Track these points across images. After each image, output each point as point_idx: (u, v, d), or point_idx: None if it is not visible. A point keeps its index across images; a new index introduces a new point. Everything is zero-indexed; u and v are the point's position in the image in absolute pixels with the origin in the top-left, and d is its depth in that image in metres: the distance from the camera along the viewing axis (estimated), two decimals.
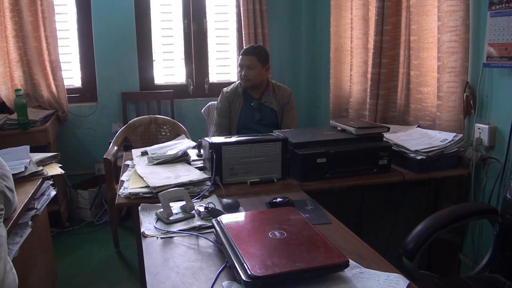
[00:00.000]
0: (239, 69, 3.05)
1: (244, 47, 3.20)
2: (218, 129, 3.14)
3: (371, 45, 3.17)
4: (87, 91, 4.12)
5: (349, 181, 2.26)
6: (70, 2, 3.97)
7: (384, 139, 2.46)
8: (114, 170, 3.22)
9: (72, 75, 4.09)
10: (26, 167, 2.27)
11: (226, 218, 1.52)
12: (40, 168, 2.35)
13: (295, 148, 2.21)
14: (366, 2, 3.28)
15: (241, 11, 4.05)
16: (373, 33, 3.06)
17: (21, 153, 2.43)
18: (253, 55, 2.97)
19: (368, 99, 3.21)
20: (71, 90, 4.03)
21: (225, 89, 3.15)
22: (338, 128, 2.52)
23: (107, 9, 3.90)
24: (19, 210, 1.89)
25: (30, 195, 2.08)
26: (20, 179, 2.17)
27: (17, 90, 3.42)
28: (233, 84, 3.16)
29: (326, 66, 3.95)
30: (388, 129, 2.49)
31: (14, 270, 1.60)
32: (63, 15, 3.94)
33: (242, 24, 4.05)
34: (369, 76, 3.19)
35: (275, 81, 3.21)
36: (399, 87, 3.10)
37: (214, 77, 4.35)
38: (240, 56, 3.03)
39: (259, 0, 4.05)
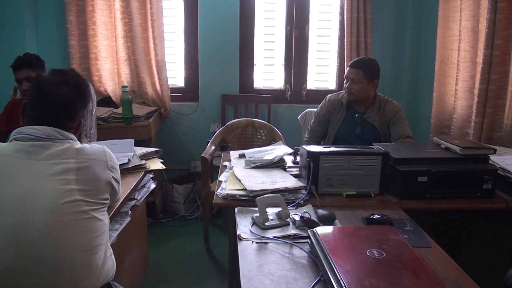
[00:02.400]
0: (345, 80, 2.96)
1: (353, 58, 3.08)
2: (311, 134, 3.09)
3: (479, 59, 2.99)
4: (189, 91, 4.28)
5: (450, 203, 2.13)
6: (178, 6, 4.15)
7: (490, 161, 2.29)
8: (210, 169, 3.32)
9: (176, 75, 4.27)
10: (129, 160, 2.39)
11: (322, 230, 1.50)
12: (143, 161, 2.47)
13: (396, 164, 2.13)
14: (476, 14, 3.09)
15: (345, 19, 3.99)
16: (483, 47, 2.89)
17: (125, 146, 2.56)
18: (360, 69, 2.84)
19: (473, 117, 3.03)
20: (174, 89, 4.21)
21: (329, 96, 3.08)
22: (441, 146, 2.39)
23: (213, 13, 4.03)
24: (122, 199, 2.00)
25: (132, 187, 2.20)
26: (123, 171, 2.28)
27: (124, 86, 3.66)
28: (338, 93, 3.08)
29: (430, 79, 3.78)
30: (495, 151, 2.32)
31: (113, 256, 1.68)
32: (170, 18, 4.13)
33: (345, 32, 4.00)
34: (476, 92, 3.01)
35: (384, 96, 3.04)
36: (506, 105, 2.90)
37: (312, 84, 4.34)
38: (348, 68, 2.93)
39: (363, 9, 3.97)
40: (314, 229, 1.50)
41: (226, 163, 2.57)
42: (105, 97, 4.02)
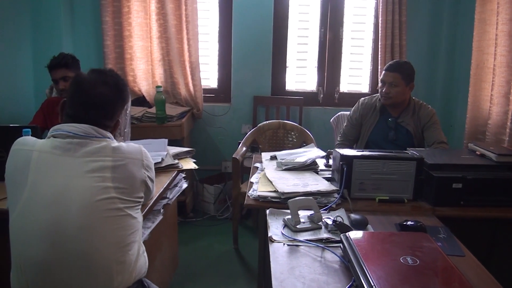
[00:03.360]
0: (380, 84, 2.90)
1: (388, 61, 3.04)
2: (343, 137, 3.06)
3: None
4: (222, 92, 4.31)
5: (484, 211, 2.08)
6: (213, 8, 4.18)
7: None
8: (241, 170, 3.34)
9: (209, 76, 4.31)
10: (162, 159, 2.43)
11: (355, 235, 1.49)
12: (176, 161, 2.51)
13: (431, 170, 2.09)
14: None
15: (379, 22, 3.95)
16: None
17: (159, 145, 2.61)
18: (398, 72, 2.80)
19: (508, 123, 2.95)
20: (207, 90, 4.25)
21: (362, 100, 3.05)
22: (476, 152, 2.35)
23: (247, 15, 4.05)
24: (155, 198, 2.04)
25: (165, 186, 2.24)
26: (157, 170, 2.31)
27: (158, 86, 3.71)
28: (371, 97, 3.04)
29: (465, 83, 3.70)
30: None
31: (145, 254, 1.71)
32: (205, 20, 4.17)
33: (380, 34, 3.95)
34: None
35: (419, 100, 2.99)
36: None
37: (345, 87, 4.31)
38: (384, 72, 2.88)
39: (399, 11, 3.92)
40: (347, 234, 1.49)
41: (257, 165, 2.58)
42: (139, 96, 4.09)
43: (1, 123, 3.12)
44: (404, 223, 1.76)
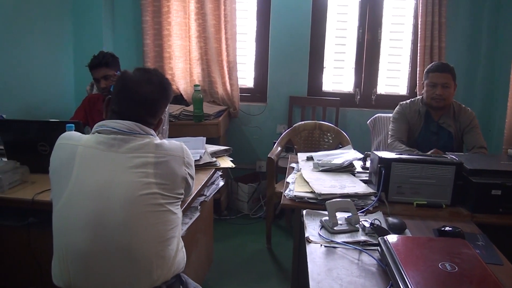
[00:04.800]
0: (426, 87, 2.82)
1: (426, 63, 2.97)
2: (395, 134, 2.90)
3: None
4: (258, 91, 4.34)
5: None
6: (251, 8, 4.22)
7: None
8: (275, 170, 3.35)
9: (245, 76, 4.35)
10: (201, 157, 2.47)
11: (393, 239, 1.49)
12: (214, 159, 2.54)
13: (470, 175, 2.06)
14: None
15: (419, 23, 3.90)
16: None
17: (198, 143, 2.65)
18: (449, 73, 2.76)
19: None
20: (243, 90, 4.29)
21: (403, 103, 2.97)
22: None
23: (285, 15, 4.06)
24: (193, 195, 2.08)
25: (203, 183, 2.27)
26: (195, 167, 2.35)
27: (196, 85, 3.77)
28: (411, 101, 2.97)
29: (504, 87, 3.61)
30: None
31: (184, 249, 1.74)
32: (243, 20, 4.20)
33: (419, 36, 3.90)
34: None
35: (458, 102, 2.95)
36: None
37: (382, 88, 4.27)
38: (434, 73, 2.80)
39: (438, 12, 3.86)
40: (385, 237, 1.49)
41: (293, 165, 2.60)
42: (177, 95, 4.16)
43: (43, 118, 3.24)
44: (442, 229, 1.74)
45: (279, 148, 3.47)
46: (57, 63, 3.85)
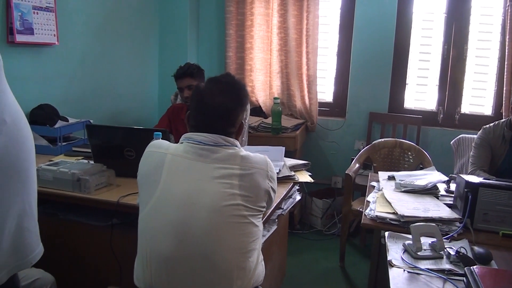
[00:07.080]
0: None
1: None
2: (477, 162, 2.75)
3: None
4: (337, 106, 4.30)
5: None
6: (334, 22, 4.20)
7: None
8: (352, 187, 3.30)
9: (324, 90, 4.33)
10: (280, 170, 2.48)
11: (481, 271, 1.41)
12: (292, 173, 2.54)
13: None
14: None
15: (507, 40, 3.69)
16: None
17: (276, 153, 2.64)
18: None
19: None
20: (322, 104, 4.27)
21: (487, 127, 2.80)
22: None
23: (368, 30, 4.01)
24: (273, 208, 2.08)
25: (282, 196, 2.27)
26: None
27: (275, 98, 3.81)
28: (495, 124, 2.78)
29: None
30: None
31: (263, 262, 1.74)
32: (325, 34, 4.20)
33: (506, 53, 3.69)
34: None
35: None
36: None
37: (466, 107, 4.07)
38: None
39: None
40: (471, 268, 1.42)
41: (374, 183, 2.54)
42: (256, 107, 4.23)
43: (127, 124, 3.41)
44: None
45: (357, 165, 3.41)
46: (143, 75, 4.06)
